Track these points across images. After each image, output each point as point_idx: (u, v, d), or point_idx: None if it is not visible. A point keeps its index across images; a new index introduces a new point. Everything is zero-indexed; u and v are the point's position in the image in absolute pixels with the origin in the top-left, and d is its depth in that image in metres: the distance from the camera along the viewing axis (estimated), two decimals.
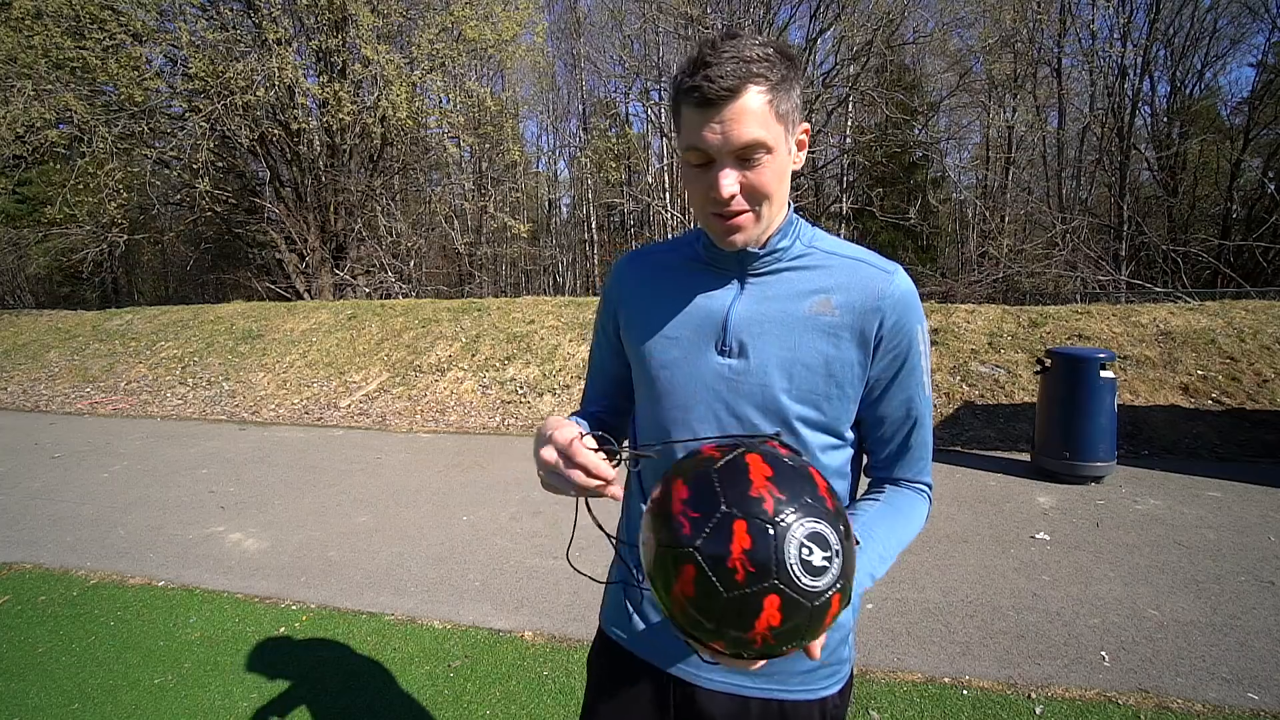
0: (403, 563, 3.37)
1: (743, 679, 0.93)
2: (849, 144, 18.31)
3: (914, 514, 0.94)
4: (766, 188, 0.83)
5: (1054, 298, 13.26)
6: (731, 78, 0.77)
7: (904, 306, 0.88)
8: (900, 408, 0.92)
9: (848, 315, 0.87)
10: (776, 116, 0.81)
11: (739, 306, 0.90)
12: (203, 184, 10.66)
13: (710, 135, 0.80)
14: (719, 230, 0.87)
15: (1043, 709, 2.15)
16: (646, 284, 0.99)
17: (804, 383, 0.88)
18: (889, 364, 0.89)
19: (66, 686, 2.44)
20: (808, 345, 0.88)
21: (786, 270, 0.91)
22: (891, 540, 0.88)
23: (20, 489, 4.72)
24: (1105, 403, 4.17)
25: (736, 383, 0.89)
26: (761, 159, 0.82)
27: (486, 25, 11.97)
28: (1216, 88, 19.58)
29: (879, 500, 0.94)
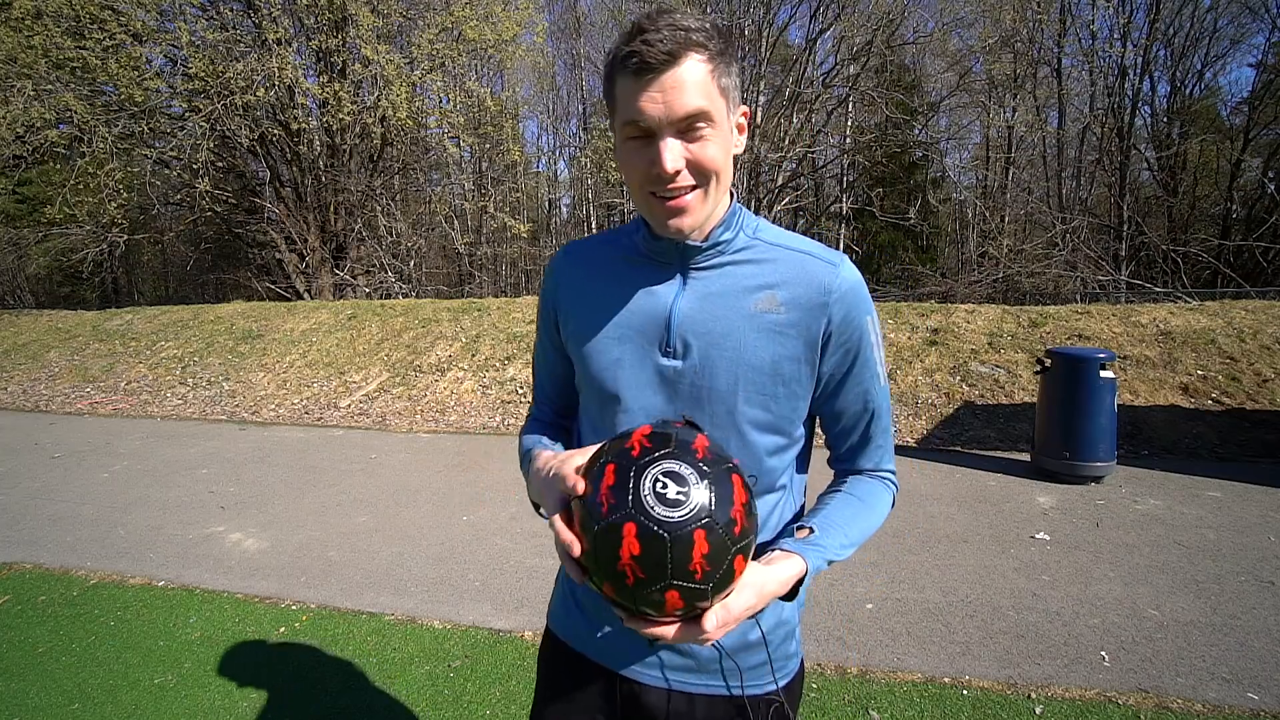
0: (403, 563, 3.37)
1: (690, 676, 0.91)
2: (849, 144, 18.31)
3: (876, 501, 0.94)
4: (712, 162, 0.79)
5: (1054, 298, 13.26)
6: (670, 42, 0.74)
7: (852, 299, 0.86)
8: (857, 401, 0.91)
9: (794, 312, 0.84)
10: (719, 89, 0.78)
11: (682, 304, 0.86)
12: (203, 184, 10.66)
13: (649, 105, 0.75)
14: (661, 213, 0.81)
15: (1043, 709, 2.15)
16: (584, 279, 0.94)
17: (750, 384, 0.84)
18: (841, 359, 0.87)
19: (66, 686, 2.44)
20: (753, 345, 0.84)
21: (730, 264, 0.87)
22: (853, 528, 0.89)
23: (20, 489, 4.72)
24: (1105, 403, 4.17)
25: (681, 385, 0.86)
26: (705, 131, 0.77)
27: (486, 25, 11.97)
28: (1216, 88, 19.61)
29: (840, 490, 0.94)
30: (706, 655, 0.90)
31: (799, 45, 17.77)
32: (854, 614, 2.75)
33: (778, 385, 0.85)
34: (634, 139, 0.79)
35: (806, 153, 17.88)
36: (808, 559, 0.81)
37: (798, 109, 16.77)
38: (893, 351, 6.27)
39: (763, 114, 16.96)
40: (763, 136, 16.16)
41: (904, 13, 15.28)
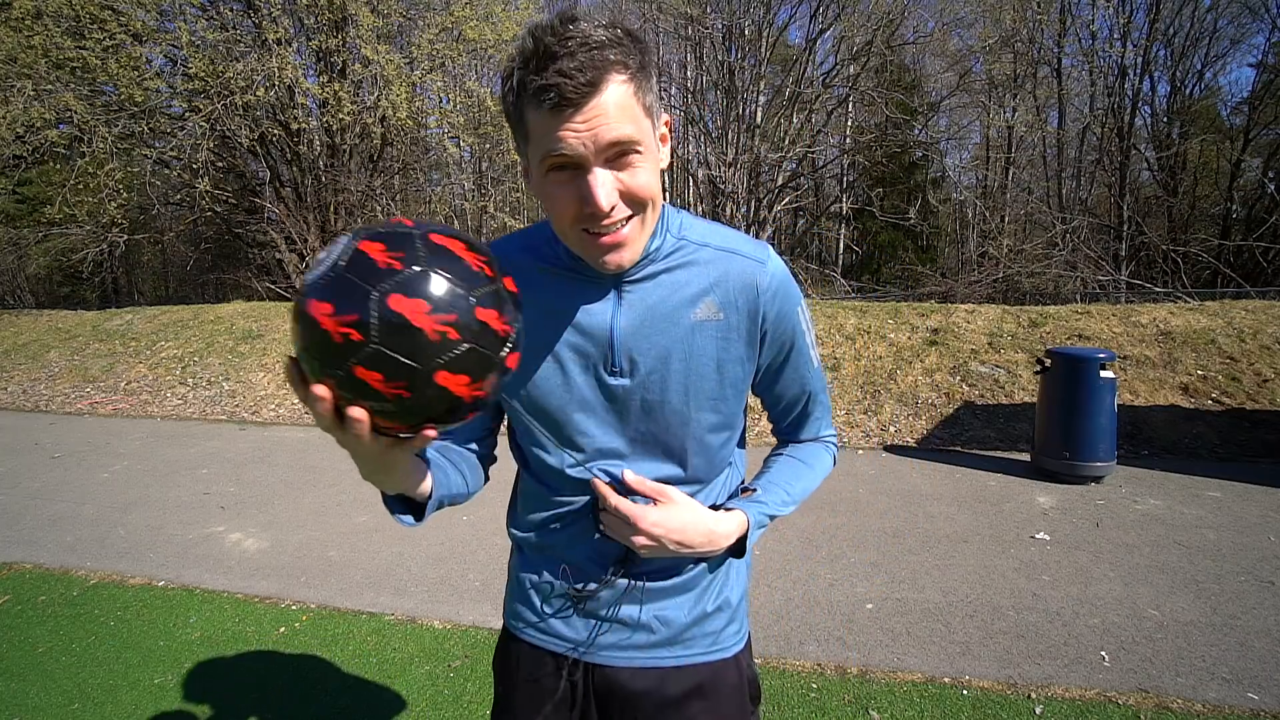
0: (403, 563, 3.37)
1: (659, 651, 0.92)
2: (849, 144, 18.31)
3: (816, 461, 1.00)
4: (646, 190, 0.74)
5: (1054, 298, 13.26)
6: (590, 70, 0.67)
7: (783, 295, 0.87)
8: (794, 385, 0.96)
9: (732, 315, 0.85)
10: (644, 109, 0.73)
11: (621, 320, 0.83)
12: (203, 184, 10.65)
13: (572, 138, 0.69)
14: (597, 251, 0.76)
15: (1043, 709, 2.14)
16: None
17: (701, 392, 0.86)
18: (777, 351, 0.90)
19: (66, 686, 2.44)
20: (699, 353, 0.85)
21: (663, 272, 0.84)
22: (794, 486, 0.95)
23: (20, 489, 4.72)
24: (1105, 403, 4.17)
25: (632, 402, 0.85)
26: (634, 159, 0.72)
27: (486, 25, 11.97)
28: (1216, 88, 19.61)
29: (783, 454, 1.01)
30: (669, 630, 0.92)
31: (799, 45, 17.77)
32: (854, 614, 2.75)
33: (726, 388, 0.88)
34: (556, 171, 0.72)
35: (806, 153, 17.88)
36: (749, 513, 0.88)
37: (798, 109, 16.77)
38: (893, 352, 6.27)
39: (763, 114, 16.95)
40: (763, 136, 16.16)
41: (904, 13, 15.27)
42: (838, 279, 16.40)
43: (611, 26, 0.70)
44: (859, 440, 5.28)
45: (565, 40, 0.66)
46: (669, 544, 0.82)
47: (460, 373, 0.57)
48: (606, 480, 0.85)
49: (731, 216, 15.65)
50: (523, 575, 0.98)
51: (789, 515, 0.97)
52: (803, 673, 2.36)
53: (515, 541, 1.00)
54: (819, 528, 3.61)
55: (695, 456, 0.88)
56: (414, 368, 0.55)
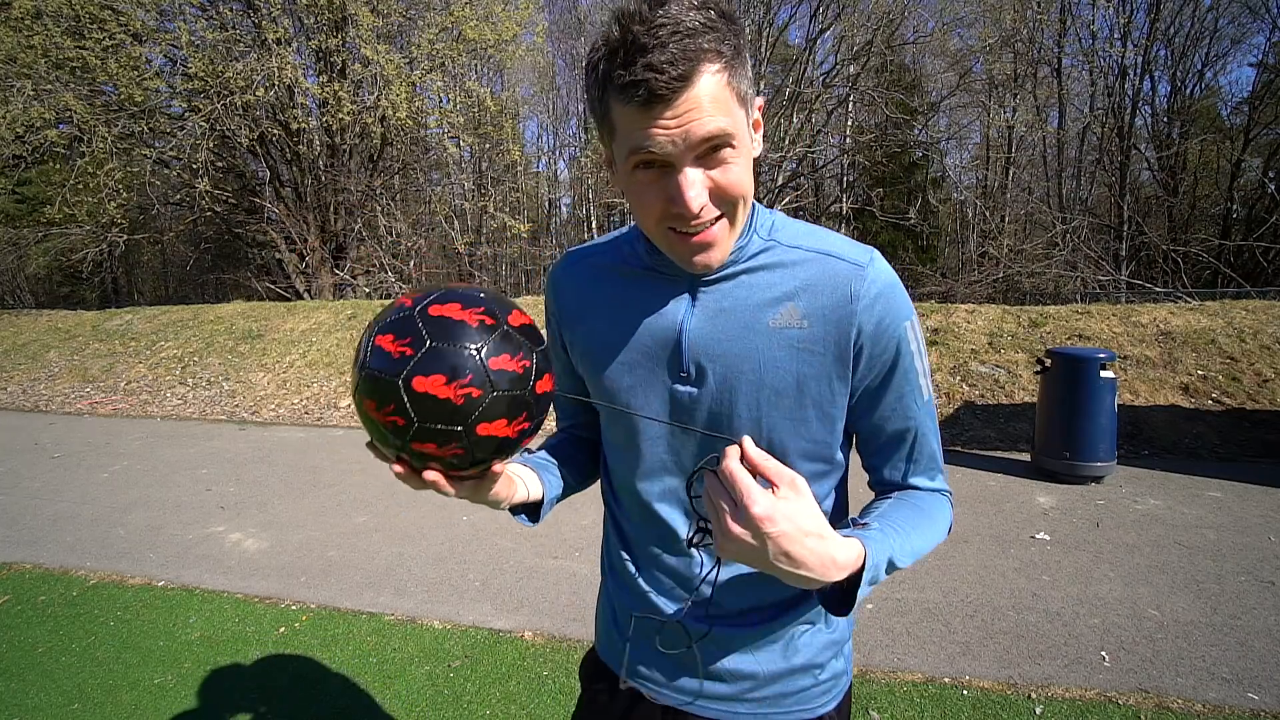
0: (403, 563, 3.37)
1: (736, 705, 0.86)
2: (849, 144, 18.31)
3: (936, 512, 0.80)
4: (738, 187, 0.68)
5: (1054, 298, 13.27)
6: (681, 61, 0.61)
7: (885, 304, 0.74)
8: (896, 419, 0.80)
9: (819, 325, 0.74)
10: (737, 98, 0.66)
11: (693, 323, 0.77)
12: (203, 184, 10.66)
13: (662, 135, 0.63)
14: (685, 250, 0.71)
15: (1043, 709, 2.14)
16: (587, 295, 0.86)
17: (774, 407, 0.76)
18: (876, 373, 0.77)
19: (66, 686, 2.44)
20: (774, 366, 0.75)
21: (744, 273, 0.76)
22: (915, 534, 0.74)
23: (20, 489, 4.72)
24: (1105, 403, 4.16)
25: (698, 413, 0.78)
26: (727, 154, 0.67)
27: (486, 25, 11.97)
28: (1216, 88, 19.60)
29: (891, 497, 0.82)
30: (752, 683, 0.85)
31: (799, 45, 17.77)
32: (854, 614, 2.75)
33: (808, 409, 0.76)
34: (644, 168, 0.67)
35: (806, 153, 17.88)
36: (868, 546, 0.66)
37: (798, 109, 16.77)
38: None
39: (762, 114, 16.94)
40: (763, 136, 16.15)
41: (904, 13, 15.28)
42: None
43: (704, 7, 0.63)
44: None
45: (655, 29, 0.61)
46: (770, 547, 0.59)
47: (497, 419, 0.63)
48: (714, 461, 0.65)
49: None
50: (601, 601, 0.98)
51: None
52: None
53: (612, 573, 0.95)
54: None
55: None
56: (456, 430, 0.62)
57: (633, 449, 0.84)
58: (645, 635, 0.87)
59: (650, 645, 0.88)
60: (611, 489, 0.92)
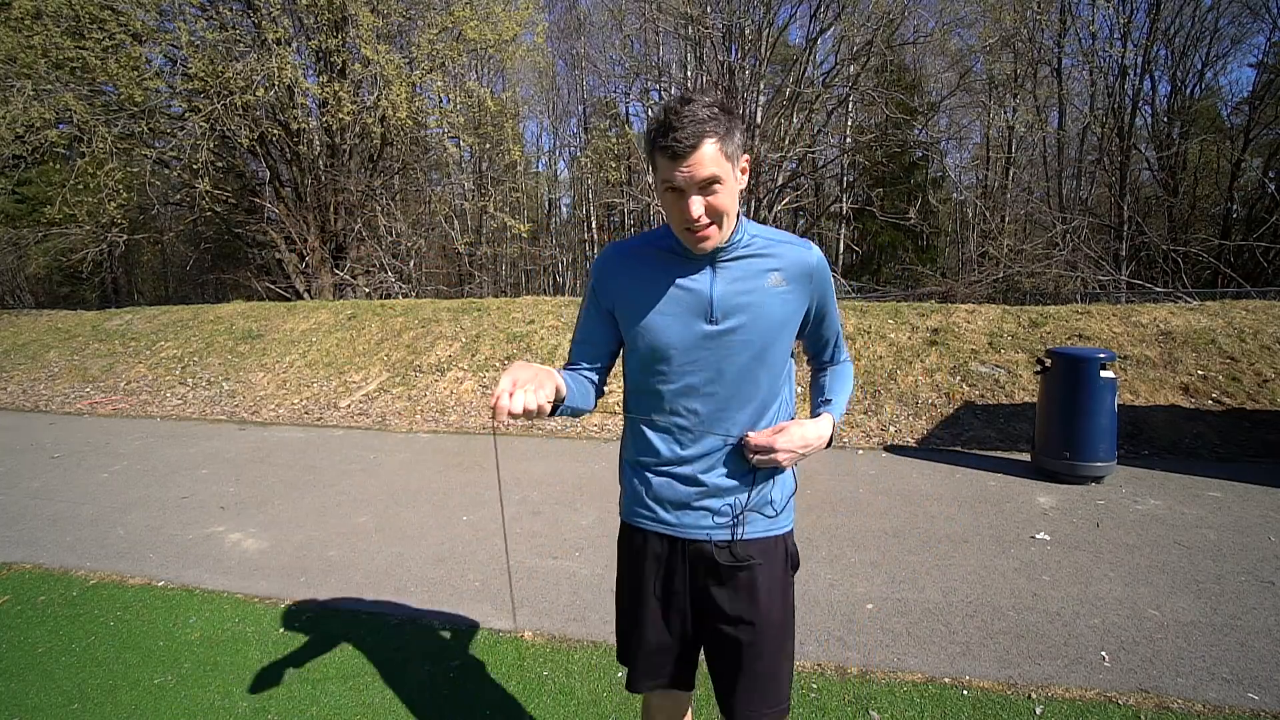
0: (403, 563, 3.37)
1: (717, 524, 1.33)
2: (849, 144, 18.30)
3: (848, 374, 1.48)
4: (723, 207, 1.17)
5: (1054, 298, 13.26)
6: (692, 138, 1.10)
7: (822, 269, 1.31)
8: (829, 329, 1.41)
9: (793, 283, 1.28)
10: (725, 157, 1.14)
11: (718, 287, 1.25)
12: (203, 184, 10.66)
13: (680, 175, 1.13)
14: (692, 241, 1.21)
15: (1043, 709, 2.14)
16: (634, 273, 1.31)
17: (768, 333, 1.27)
18: (819, 305, 1.34)
19: (66, 686, 2.44)
20: (770, 309, 1.27)
21: (745, 258, 1.27)
22: (845, 392, 1.44)
23: (20, 489, 4.72)
24: (1105, 403, 4.17)
25: (725, 341, 1.26)
26: (717, 188, 1.15)
27: (486, 25, 11.97)
28: (1217, 88, 19.60)
29: (827, 374, 1.47)
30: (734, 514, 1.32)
31: (799, 45, 17.76)
32: (854, 614, 2.75)
33: (783, 331, 1.30)
34: (670, 191, 1.16)
35: (806, 153, 17.87)
36: (835, 415, 1.38)
37: (798, 109, 16.76)
38: (893, 351, 6.27)
39: (763, 114, 16.94)
40: (763, 136, 16.15)
41: (904, 13, 15.27)
42: (838, 279, 16.38)
43: (711, 105, 1.12)
44: (859, 440, 5.28)
45: (681, 117, 1.10)
46: (799, 453, 1.27)
47: None
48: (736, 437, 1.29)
49: None
50: (638, 485, 1.37)
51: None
52: (803, 673, 2.36)
53: (631, 463, 1.40)
54: (819, 528, 3.61)
55: (763, 380, 1.29)
56: None
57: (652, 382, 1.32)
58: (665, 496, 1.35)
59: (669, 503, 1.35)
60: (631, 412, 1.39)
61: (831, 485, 4.28)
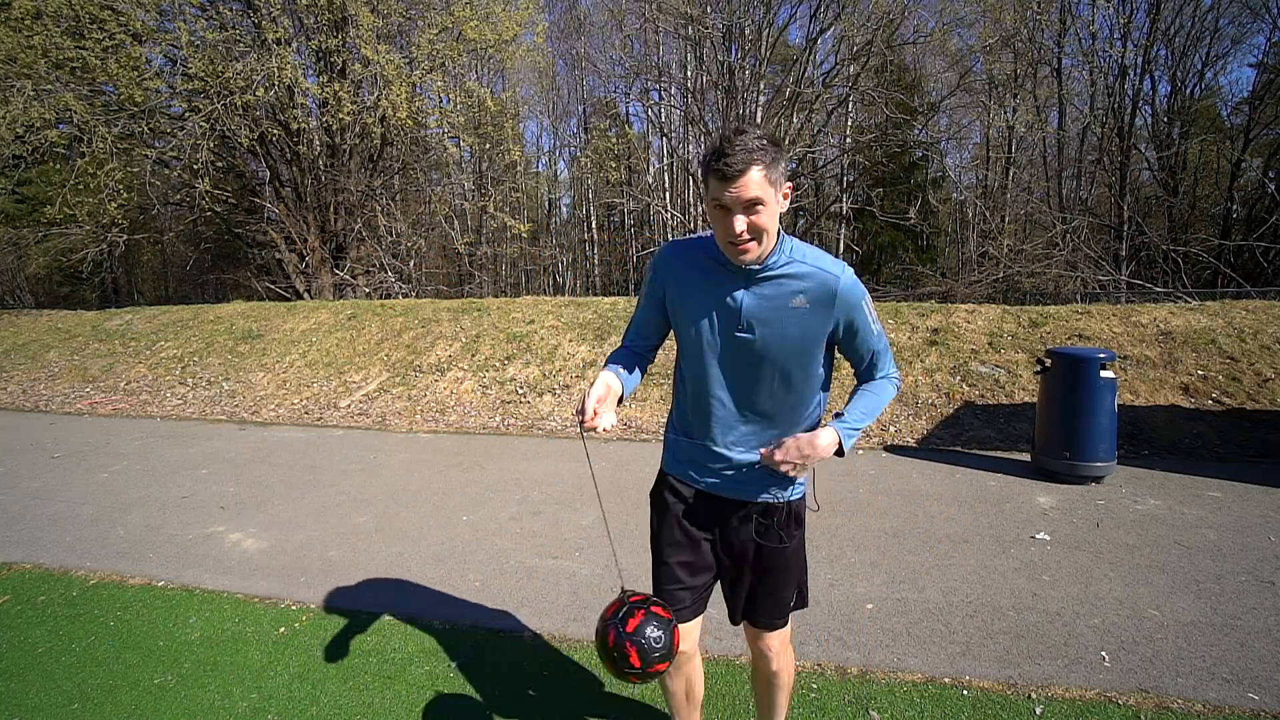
0: (403, 563, 3.37)
1: (742, 489, 1.59)
2: (849, 144, 18.30)
3: (881, 390, 1.57)
4: (764, 226, 1.35)
5: (1054, 298, 13.26)
6: (741, 164, 1.28)
7: (849, 293, 1.44)
8: (863, 347, 1.54)
9: (815, 305, 1.44)
10: (769, 182, 1.32)
11: (748, 303, 1.45)
12: (203, 184, 10.65)
13: (727, 196, 1.31)
14: (733, 254, 1.39)
15: (1043, 709, 2.14)
16: (685, 273, 1.52)
17: (787, 347, 1.47)
18: (846, 328, 1.49)
19: (66, 686, 2.44)
20: (789, 327, 1.45)
21: (777, 277, 1.44)
22: (866, 405, 1.54)
23: (20, 489, 4.72)
24: (1105, 403, 4.16)
25: (748, 349, 1.48)
26: (760, 209, 1.32)
27: (486, 25, 11.96)
28: (1217, 87, 19.60)
29: (858, 389, 1.59)
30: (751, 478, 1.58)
31: (799, 45, 17.76)
32: (854, 614, 2.75)
33: (803, 351, 1.48)
34: (718, 208, 1.34)
35: (806, 153, 17.87)
36: (838, 429, 1.48)
37: (798, 109, 16.76)
38: (893, 351, 6.26)
39: (763, 114, 16.94)
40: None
41: (904, 13, 15.26)
42: None
43: (761, 137, 1.30)
44: (859, 440, 5.28)
45: (734, 145, 1.29)
46: (804, 461, 1.47)
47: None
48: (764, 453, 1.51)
49: None
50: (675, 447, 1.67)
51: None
52: (803, 673, 2.36)
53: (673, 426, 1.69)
54: (819, 528, 3.61)
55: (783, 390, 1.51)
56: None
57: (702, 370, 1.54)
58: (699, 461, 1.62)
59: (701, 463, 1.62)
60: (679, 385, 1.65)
61: (831, 485, 4.28)
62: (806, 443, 1.45)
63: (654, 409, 5.97)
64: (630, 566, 3.18)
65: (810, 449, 1.45)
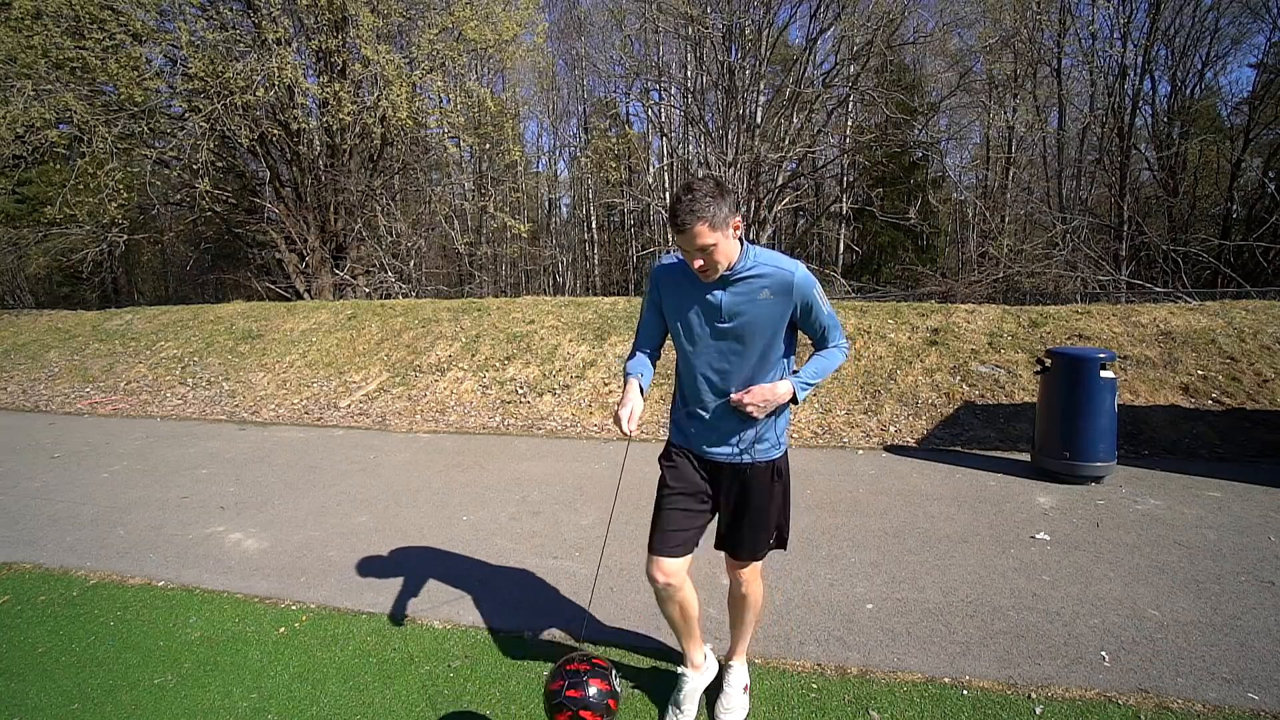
0: (403, 563, 3.37)
1: (729, 450, 1.94)
2: (849, 144, 18.30)
3: (830, 354, 1.95)
4: (717, 259, 1.75)
5: (1054, 298, 13.26)
6: (688, 223, 1.69)
7: (802, 283, 1.82)
8: (816, 323, 1.91)
9: (778, 295, 1.82)
10: (713, 229, 1.69)
11: (726, 300, 1.84)
12: (203, 184, 10.66)
13: (683, 243, 1.74)
14: (700, 276, 1.81)
15: (1043, 709, 2.14)
16: (677, 283, 1.93)
17: (760, 329, 1.84)
18: (803, 310, 1.86)
19: (66, 686, 2.44)
20: (760, 314, 1.83)
21: (743, 279, 1.82)
22: (816, 366, 1.91)
23: (20, 489, 4.72)
24: (1105, 403, 4.16)
25: (731, 334, 1.86)
26: (711, 249, 1.72)
27: (486, 25, 11.96)
28: (1216, 88, 19.60)
29: (814, 354, 1.96)
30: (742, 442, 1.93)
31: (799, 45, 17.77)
32: (854, 614, 2.75)
33: (774, 331, 1.86)
34: (681, 248, 1.77)
35: (806, 153, 17.87)
36: (793, 381, 1.88)
37: (798, 109, 16.76)
38: (893, 352, 6.27)
39: (763, 114, 16.94)
40: (763, 136, 16.14)
41: (904, 13, 15.27)
42: (838, 279, 16.40)
43: (705, 195, 1.68)
44: (859, 440, 5.28)
45: (681, 205, 1.69)
46: (762, 404, 1.85)
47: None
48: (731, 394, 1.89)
49: None
50: (681, 418, 2.00)
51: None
52: (803, 673, 2.36)
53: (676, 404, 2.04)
54: (819, 528, 3.61)
55: (758, 361, 1.87)
56: None
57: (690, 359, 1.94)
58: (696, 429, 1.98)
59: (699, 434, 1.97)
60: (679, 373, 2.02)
61: (831, 485, 4.28)
62: (769, 389, 1.84)
63: (653, 409, 5.97)
64: (630, 566, 3.18)
65: (771, 394, 1.84)
